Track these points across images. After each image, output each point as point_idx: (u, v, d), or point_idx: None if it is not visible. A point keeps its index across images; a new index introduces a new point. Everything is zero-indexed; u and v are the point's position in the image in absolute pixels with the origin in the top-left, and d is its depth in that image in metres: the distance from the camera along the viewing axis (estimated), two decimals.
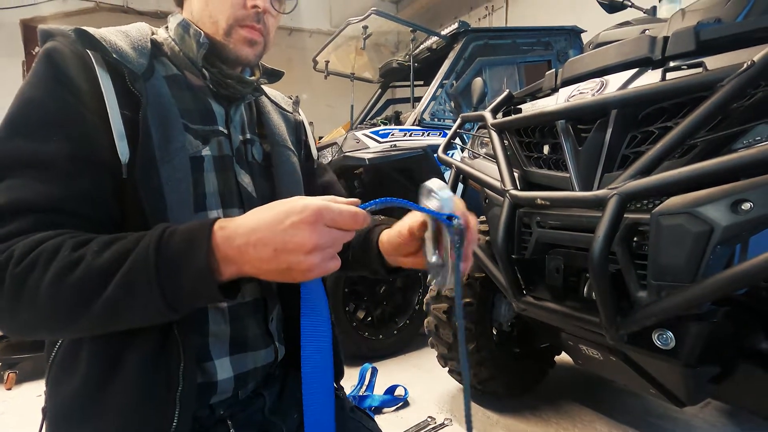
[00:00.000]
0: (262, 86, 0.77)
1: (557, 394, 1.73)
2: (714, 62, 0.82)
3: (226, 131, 0.67)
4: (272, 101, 0.80)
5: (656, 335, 0.87)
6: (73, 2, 5.27)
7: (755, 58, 0.69)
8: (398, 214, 0.58)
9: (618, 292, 0.87)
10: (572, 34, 2.95)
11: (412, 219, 0.57)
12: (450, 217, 0.49)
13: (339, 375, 0.79)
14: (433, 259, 0.52)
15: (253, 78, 0.71)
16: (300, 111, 0.86)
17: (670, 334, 0.85)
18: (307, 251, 0.41)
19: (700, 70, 0.79)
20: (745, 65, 0.70)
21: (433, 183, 0.50)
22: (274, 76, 0.78)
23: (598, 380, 1.79)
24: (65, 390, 0.53)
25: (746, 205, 0.71)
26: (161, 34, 0.65)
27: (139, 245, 0.44)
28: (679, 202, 0.77)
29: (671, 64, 0.88)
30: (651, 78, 0.89)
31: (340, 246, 0.44)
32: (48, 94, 0.51)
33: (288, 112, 0.82)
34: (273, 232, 0.42)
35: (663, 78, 0.83)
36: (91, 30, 0.55)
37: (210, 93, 0.66)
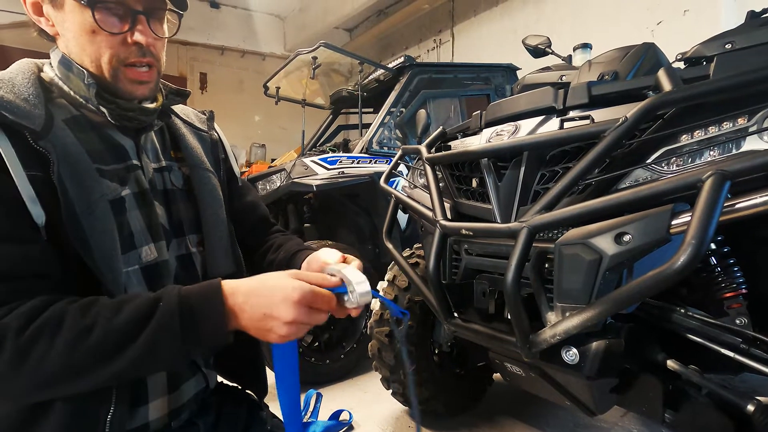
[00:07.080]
0: (171, 107, 0.75)
1: (494, 410, 1.82)
2: (603, 114, 0.96)
3: (139, 163, 0.65)
4: (185, 121, 0.78)
5: (564, 351, 0.97)
6: None
7: (628, 115, 0.83)
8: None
9: (532, 313, 0.97)
10: (508, 70, 3.20)
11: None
12: (402, 313, 0.64)
13: (262, 391, 0.80)
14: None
15: (155, 105, 0.67)
16: (216, 128, 0.83)
17: (575, 350, 0.95)
18: (287, 322, 0.50)
19: (588, 121, 0.93)
20: (620, 120, 0.84)
21: (352, 276, 0.57)
22: (179, 96, 0.75)
23: (533, 396, 1.91)
24: None
25: (627, 237, 0.83)
26: (48, 72, 0.61)
27: (160, 308, 0.50)
28: (576, 234, 0.88)
29: (570, 113, 1.02)
30: (554, 125, 1.03)
31: (312, 325, 0.53)
32: None
33: (203, 131, 0.80)
34: (267, 299, 0.51)
35: (561, 126, 0.96)
36: None
37: (114, 127, 0.64)
